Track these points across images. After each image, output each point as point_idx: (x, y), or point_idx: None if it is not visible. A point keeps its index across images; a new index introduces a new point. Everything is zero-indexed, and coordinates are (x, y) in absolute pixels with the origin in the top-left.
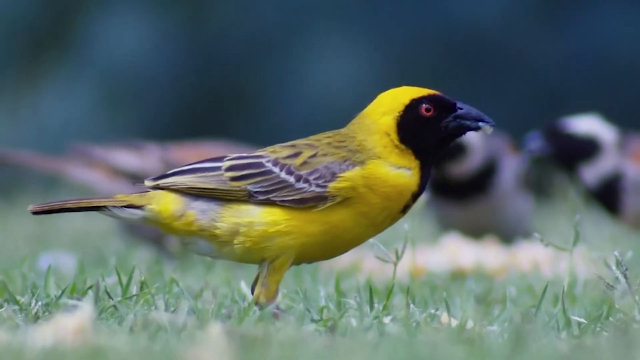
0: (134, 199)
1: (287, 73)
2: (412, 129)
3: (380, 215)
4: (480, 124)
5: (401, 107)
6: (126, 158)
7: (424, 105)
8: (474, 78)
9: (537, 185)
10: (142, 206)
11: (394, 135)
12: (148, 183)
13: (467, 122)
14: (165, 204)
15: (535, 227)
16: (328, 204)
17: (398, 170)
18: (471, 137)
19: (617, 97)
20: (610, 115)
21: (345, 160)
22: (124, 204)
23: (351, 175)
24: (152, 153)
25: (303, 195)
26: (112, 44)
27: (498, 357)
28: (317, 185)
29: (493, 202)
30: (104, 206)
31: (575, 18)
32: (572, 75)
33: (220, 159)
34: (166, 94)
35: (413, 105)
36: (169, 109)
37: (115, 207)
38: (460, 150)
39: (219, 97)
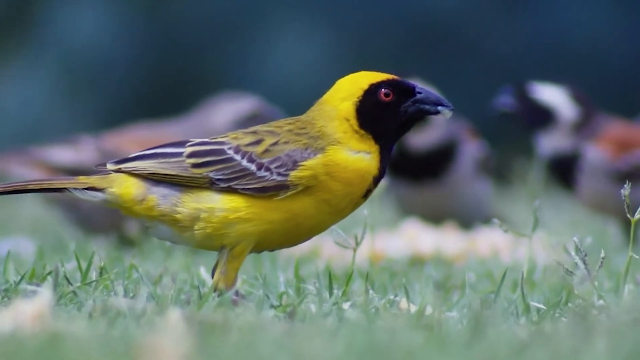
0: (96, 181)
1: (246, 58)
2: (371, 114)
3: (343, 202)
4: (440, 108)
5: (360, 93)
6: (62, 153)
7: (383, 90)
8: (432, 63)
9: (497, 170)
10: (103, 189)
11: (354, 121)
12: (110, 166)
13: (427, 107)
14: (126, 187)
15: (495, 212)
16: (289, 193)
17: (357, 155)
18: None
19: (575, 83)
20: None
21: (306, 148)
22: (85, 186)
23: (312, 163)
24: (87, 145)
25: (264, 184)
26: (70, 30)
27: (457, 343)
28: (279, 174)
29: (451, 186)
30: (65, 188)
31: (534, 4)
32: (531, 61)
33: (182, 143)
34: (125, 79)
35: (372, 90)
36: (129, 94)
37: (76, 189)
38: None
39: (178, 81)
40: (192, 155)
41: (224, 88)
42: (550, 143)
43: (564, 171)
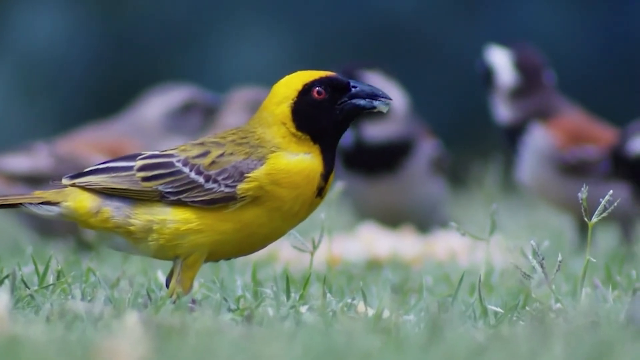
0: (51, 195)
1: (204, 60)
2: (306, 115)
3: (295, 205)
4: (376, 103)
5: (294, 94)
6: (17, 161)
7: (316, 88)
8: (391, 64)
9: (453, 173)
10: (58, 203)
11: (290, 124)
12: (65, 181)
13: (362, 102)
14: (80, 201)
15: (452, 215)
16: (238, 205)
17: (297, 157)
18: (394, 102)
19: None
20: None
21: (249, 157)
22: (40, 200)
23: (257, 175)
24: (41, 151)
25: (213, 196)
26: (26, 33)
27: (414, 347)
28: (226, 186)
29: (405, 182)
30: (21, 203)
31: (494, 6)
32: None
33: (133, 157)
34: (82, 82)
35: (306, 90)
36: (85, 97)
37: (31, 204)
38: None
39: (135, 84)
40: (142, 168)
41: None
42: (497, 109)
43: (509, 141)
